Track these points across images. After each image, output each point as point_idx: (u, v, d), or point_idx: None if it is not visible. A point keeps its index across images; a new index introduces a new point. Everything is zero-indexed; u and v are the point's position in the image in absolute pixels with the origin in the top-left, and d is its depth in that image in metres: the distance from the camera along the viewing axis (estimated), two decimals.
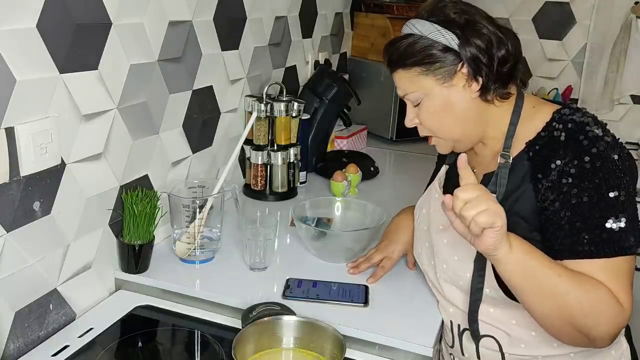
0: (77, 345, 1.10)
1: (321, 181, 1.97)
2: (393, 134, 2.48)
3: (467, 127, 1.07)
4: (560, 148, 0.97)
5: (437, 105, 1.05)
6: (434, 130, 1.09)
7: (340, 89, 2.05)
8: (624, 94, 2.73)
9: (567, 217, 0.95)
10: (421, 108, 1.07)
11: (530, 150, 1.02)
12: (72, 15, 1.08)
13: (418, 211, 1.27)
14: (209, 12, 1.55)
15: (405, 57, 1.04)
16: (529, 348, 1.06)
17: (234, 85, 1.74)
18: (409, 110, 1.10)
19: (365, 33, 2.64)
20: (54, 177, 1.10)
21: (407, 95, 1.08)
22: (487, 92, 1.03)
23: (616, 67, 2.69)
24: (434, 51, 1.01)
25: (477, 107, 1.05)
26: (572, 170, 0.95)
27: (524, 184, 1.01)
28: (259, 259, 1.34)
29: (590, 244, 0.93)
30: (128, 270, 1.30)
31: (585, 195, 0.94)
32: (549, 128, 1.01)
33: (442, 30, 1.01)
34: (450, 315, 1.16)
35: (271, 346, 1.05)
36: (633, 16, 2.61)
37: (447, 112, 1.05)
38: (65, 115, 1.10)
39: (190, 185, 1.45)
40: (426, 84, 1.04)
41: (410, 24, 1.06)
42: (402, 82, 1.08)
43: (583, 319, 0.91)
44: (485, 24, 1.02)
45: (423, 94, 1.05)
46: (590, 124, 0.98)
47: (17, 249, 1.04)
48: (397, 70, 1.07)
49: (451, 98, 1.04)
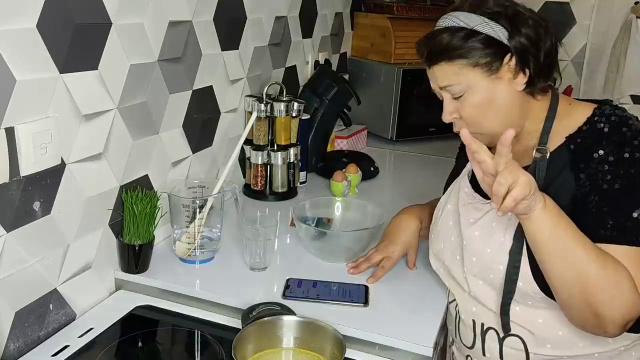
0: (77, 345, 1.10)
1: (321, 181, 1.97)
2: (393, 134, 2.48)
3: (510, 121, 1.05)
4: (604, 139, 0.98)
5: (482, 99, 1.03)
6: (475, 124, 1.06)
7: (340, 89, 2.05)
8: (624, 94, 2.72)
9: (595, 201, 0.96)
10: (464, 101, 1.04)
11: (571, 143, 1.02)
12: (72, 15, 1.08)
13: (441, 208, 1.24)
14: (209, 12, 1.55)
15: (450, 49, 1.02)
16: (555, 348, 1.05)
17: (234, 85, 1.74)
18: (448, 104, 1.07)
19: (365, 33, 2.64)
20: (54, 177, 1.10)
21: (448, 88, 1.05)
22: (533, 85, 1.03)
23: (616, 67, 2.69)
24: (482, 43, 1.00)
25: (520, 100, 1.04)
26: (611, 158, 0.96)
27: (563, 173, 1.01)
28: (259, 259, 1.34)
29: (613, 229, 0.94)
30: (128, 270, 1.30)
31: (618, 182, 0.95)
32: (591, 122, 1.01)
33: (490, 22, 1.00)
34: (473, 314, 1.14)
35: (271, 346, 1.05)
36: (633, 16, 2.61)
37: (491, 106, 1.04)
38: (65, 115, 1.10)
39: (190, 185, 1.45)
40: (472, 76, 1.02)
41: (452, 16, 1.04)
42: (444, 75, 1.05)
43: (598, 292, 0.91)
44: (530, 14, 1.02)
45: (467, 87, 1.03)
46: (633, 119, 1.00)
47: (17, 249, 1.04)
48: (440, 63, 1.04)
49: (497, 91, 1.03)
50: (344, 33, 2.61)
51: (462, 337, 1.18)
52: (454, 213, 1.18)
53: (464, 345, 1.18)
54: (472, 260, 1.10)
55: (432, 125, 2.53)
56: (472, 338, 1.15)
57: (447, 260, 1.19)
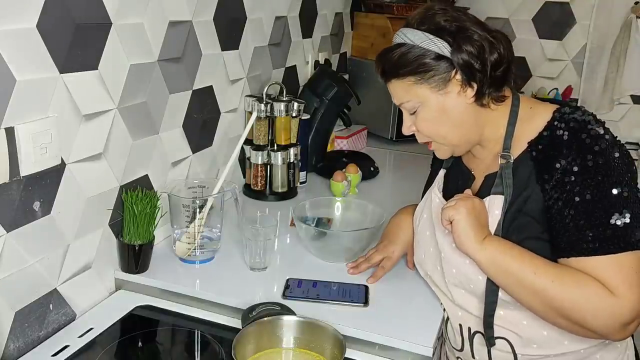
0: (77, 345, 1.10)
1: (321, 181, 1.97)
2: (393, 134, 2.48)
3: (465, 132, 1.08)
4: (564, 147, 0.98)
5: (434, 113, 1.06)
6: (432, 136, 1.10)
7: (340, 89, 2.05)
8: (624, 94, 2.73)
9: (570, 216, 0.96)
10: (418, 116, 1.08)
11: (533, 150, 1.02)
12: (72, 15, 1.08)
13: (418, 217, 1.26)
14: (209, 12, 1.55)
15: (398, 67, 1.04)
16: (541, 347, 1.06)
17: (234, 85, 1.74)
18: (406, 118, 1.11)
19: (365, 33, 2.64)
20: (54, 177, 1.10)
21: (402, 105, 1.09)
22: (482, 97, 1.04)
23: (616, 67, 2.69)
24: (427, 60, 1.02)
25: (473, 111, 1.05)
26: (575, 168, 0.96)
27: (530, 184, 1.02)
28: (259, 259, 1.34)
29: (594, 241, 0.94)
30: (128, 270, 1.30)
31: (588, 192, 0.95)
32: (551, 127, 1.01)
33: (434, 39, 1.01)
34: (459, 318, 1.14)
35: (271, 346, 1.05)
36: (633, 16, 2.61)
37: (443, 119, 1.06)
38: (65, 115, 1.10)
39: (190, 185, 1.45)
40: (421, 92, 1.04)
41: (401, 33, 1.06)
42: (396, 92, 1.08)
43: (569, 311, 0.95)
44: (476, 29, 1.02)
45: (418, 103, 1.06)
46: (592, 123, 0.99)
47: (17, 249, 1.04)
48: (391, 80, 1.08)
49: (447, 105, 1.04)
50: (344, 33, 2.61)
51: (451, 340, 1.20)
52: (430, 223, 1.19)
53: (454, 348, 1.19)
54: (452, 272, 1.12)
55: None
56: (460, 342, 1.16)
57: (429, 269, 1.20)
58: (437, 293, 1.21)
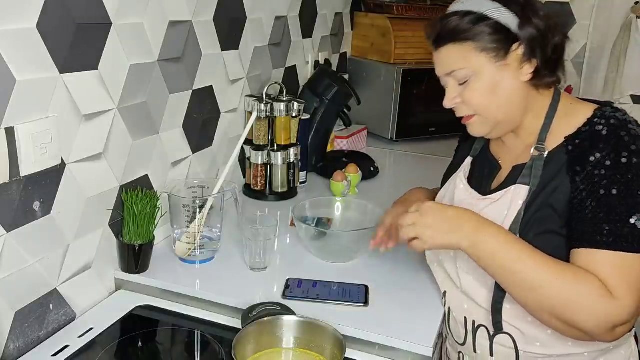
0: (77, 345, 1.10)
1: (321, 181, 1.97)
2: (393, 134, 2.48)
3: (511, 112, 1.05)
4: (601, 142, 0.97)
5: (486, 84, 1.03)
6: (479, 109, 1.06)
7: (340, 89, 2.05)
8: (624, 94, 2.73)
9: (591, 207, 0.96)
10: (468, 86, 1.04)
11: (569, 144, 1.02)
12: (72, 15, 1.08)
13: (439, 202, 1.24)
14: (209, 12, 1.55)
15: (459, 31, 1.01)
16: (544, 346, 1.06)
17: (234, 85, 1.74)
18: (451, 89, 1.07)
19: (365, 33, 2.64)
20: (54, 177, 1.10)
21: (454, 72, 1.05)
22: (538, 77, 1.03)
23: (616, 67, 2.69)
24: (491, 28, 1.00)
25: (524, 92, 1.04)
26: (608, 163, 0.96)
27: (560, 176, 1.01)
28: (259, 259, 1.34)
29: (609, 235, 0.94)
30: (128, 270, 1.30)
31: (615, 188, 0.94)
32: (591, 123, 1.01)
33: (502, 9, 1.00)
34: (465, 311, 1.14)
35: (271, 346, 1.05)
36: (633, 16, 2.61)
37: (495, 93, 1.03)
38: (65, 115, 1.10)
39: (190, 185, 1.45)
40: (478, 61, 1.02)
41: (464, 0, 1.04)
42: (450, 58, 1.04)
43: (562, 310, 0.94)
44: (542, 7, 1.02)
45: (472, 72, 1.03)
46: (633, 124, 0.99)
47: (17, 249, 1.04)
48: (447, 45, 1.04)
49: (502, 78, 1.02)
50: (344, 33, 2.61)
51: (454, 333, 1.19)
52: None
53: (456, 342, 1.19)
54: (465, 257, 1.10)
55: (432, 125, 2.53)
56: (463, 335, 1.16)
57: (441, 255, 1.19)
58: (443, 284, 1.20)
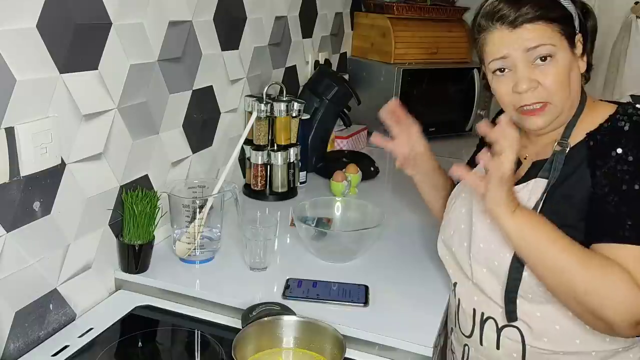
0: (77, 345, 1.10)
1: (321, 181, 1.97)
2: None
3: (571, 103, 1.07)
4: (623, 137, 0.98)
5: (563, 69, 1.03)
6: (552, 95, 1.03)
7: (340, 89, 2.05)
8: (624, 94, 2.72)
9: (614, 202, 0.96)
10: (547, 69, 1.02)
11: (591, 140, 1.02)
12: (72, 15, 1.08)
13: (456, 194, 1.24)
14: (209, 12, 1.55)
15: (551, 9, 1.02)
16: (552, 342, 1.05)
17: (234, 85, 1.74)
18: (527, 71, 1.03)
19: (365, 33, 2.64)
20: (54, 177, 1.10)
21: (539, 47, 1.01)
22: (589, 70, 1.07)
23: (616, 67, 2.69)
24: (568, 17, 1.04)
25: (579, 83, 1.07)
26: (630, 158, 0.96)
27: (580, 170, 1.01)
28: (259, 259, 1.34)
29: (632, 229, 0.94)
30: (128, 270, 1.30)
31: (638, 183, 0.95)
32: (613, 120, 1.02)
33: (569, 2, 1.04)
34: (475, 302, 1.14)
35: (271, 346, 1.05)
36: (633, 16, 2.61)
37: (567, 80, 1.04)
38: (65, 115, 1.10)
39: (190, 185, 1.45)
40: (561, 44, 1.03)
41: None
42: (536, 34, 1.02)
43: (585, 296, 0.92)
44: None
45: (555, 51, 1.02)
46: None
47: (17, 249, 1.04)
48: (534, 22, 1.01)
49: (573, 66, 1.04)
50: (344, 33, 2.61)
51: (461, 325, 1.19)
52: (468, 201, 1.17)
53: (463, 334, 1.18)
54: (479, 247, 1.10)
55: (432, 125, 2.52)
56: (471, 327, 1.15)
57: (454, 246, 1.18)
58: (455, 275, 1.19)
